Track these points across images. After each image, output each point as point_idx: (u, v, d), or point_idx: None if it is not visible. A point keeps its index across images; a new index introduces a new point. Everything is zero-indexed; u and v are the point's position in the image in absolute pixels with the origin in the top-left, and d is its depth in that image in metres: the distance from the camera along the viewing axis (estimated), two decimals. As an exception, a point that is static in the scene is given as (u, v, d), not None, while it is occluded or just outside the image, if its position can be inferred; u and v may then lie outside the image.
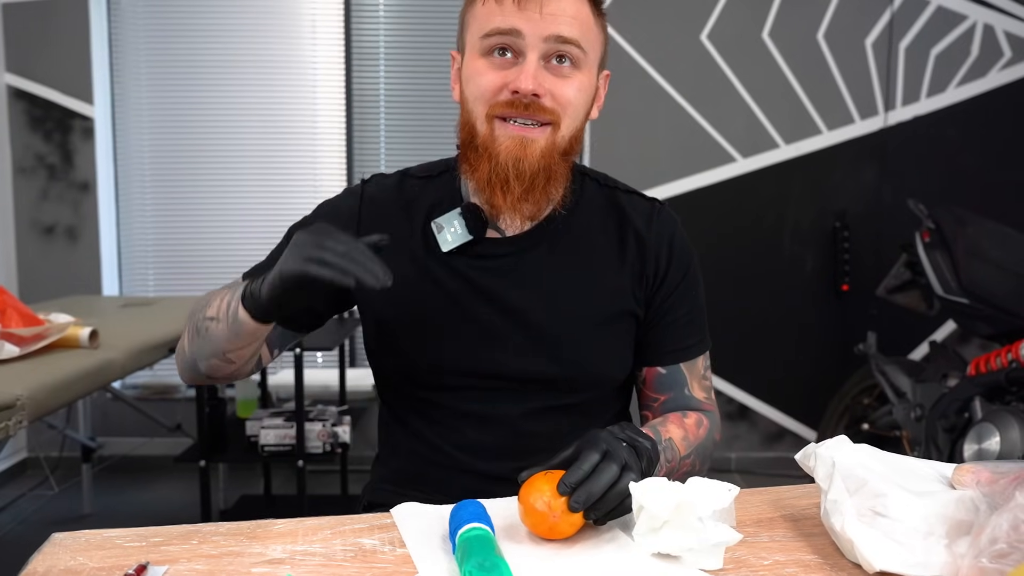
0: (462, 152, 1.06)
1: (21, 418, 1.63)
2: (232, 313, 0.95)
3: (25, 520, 2.85)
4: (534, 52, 0.99)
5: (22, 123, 3.29)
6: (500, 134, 1.01)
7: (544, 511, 0.82)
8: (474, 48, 1.03)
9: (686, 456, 1.07)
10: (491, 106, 1.01)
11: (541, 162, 1.01)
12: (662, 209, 1.16)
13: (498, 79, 1.00)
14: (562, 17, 0.99)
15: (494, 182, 1.01)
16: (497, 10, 1.00)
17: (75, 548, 0.83)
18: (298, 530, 0.88)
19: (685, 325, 1.13)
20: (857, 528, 0.80)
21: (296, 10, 3.40)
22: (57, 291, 3.21)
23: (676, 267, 1.12)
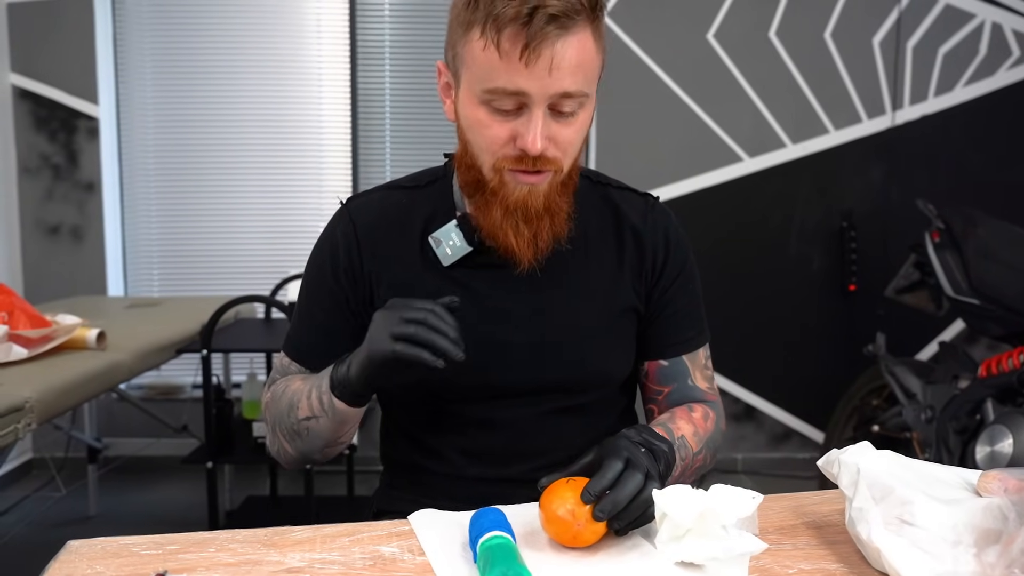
0: (467, 189, 1.04)
1: (30, 420, 1.62)
2: (329, 407, 1.00)
3: (32, 522, 2.84)
4: (539, 108, 0.95)
5: (27, 123, 3.28)
6: (509, 182, 0.99)
7: (568, 519, 0.81)
8: (472, 93, 0.97)
9: (698, 452, 1.07)
10: (498, 159, 0.98)
11: (546, 204, 1.00)
12: (656, 204, 1.15)
13: (504, 132, 0.97)
14: (567, 71, 0.93)
15: (505, 227, 1.00)
16: (502, 66, 0.92)
17: (91, 556, 0.82)
18: (316, 537, 0.87)
19: (684, 317, 1.13)
20: (884, 537, 0.79)
21: (301, 10, 3.39)
22: (62, 291, 3.20)
23: (673, 260, 1.12)
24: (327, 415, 1.01)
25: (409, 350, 0.89)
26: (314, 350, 1.11)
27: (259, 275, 3.40)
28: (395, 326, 0.90)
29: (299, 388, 1.06)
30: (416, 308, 0.91)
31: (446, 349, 0.89)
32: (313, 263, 1.13)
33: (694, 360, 1.15)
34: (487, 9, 0.92)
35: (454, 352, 0.90)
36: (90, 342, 2.00)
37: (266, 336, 2.54)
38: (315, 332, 1.12)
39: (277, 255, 3.44)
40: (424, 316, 0.90)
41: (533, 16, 0.90)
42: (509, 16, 0.90)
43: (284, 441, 1.08)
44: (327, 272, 1.10)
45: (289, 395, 1.06)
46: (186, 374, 3.33)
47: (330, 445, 1.07)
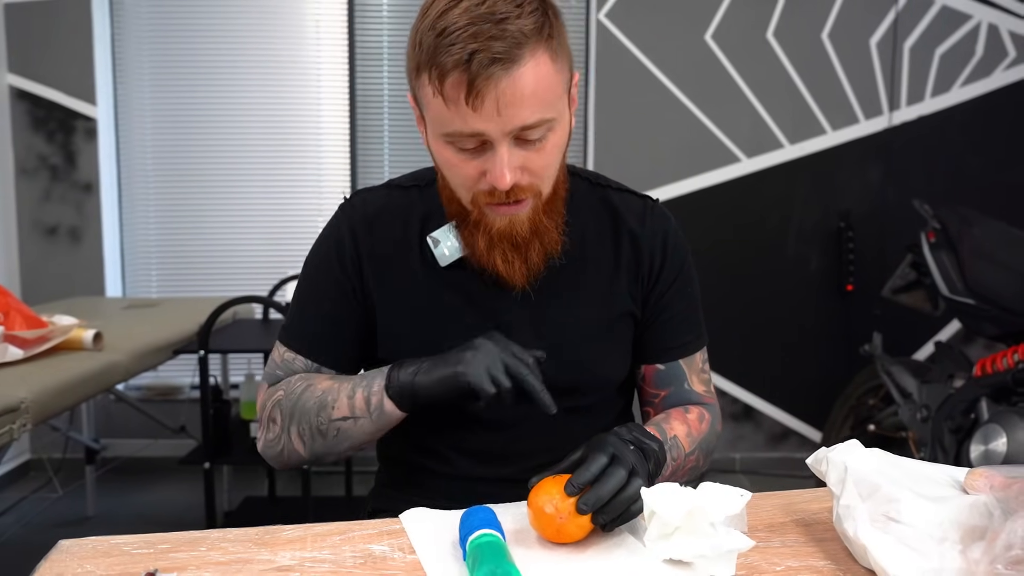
0: (455, 217, 1.04)
1: (25, 421, 1.63)
2: (376, 409, 0.99)
3: (29, 523, 2.85)
4: (502, 145, 0.92)
5: (25, 124, 3.28)
6: (489, 215, 0.99)
7: (552, 514, 0.82)
8: (435, 135, 0.97)
9: (690, 453, 1.07)
10: (474, 195, 0.99)
11: (531, 229, 1.00)
12: (655, 206, 1.15)
13: (473, 170, 0.96)
14: (521, 104, 0.90)
15: (493, 255, 1.01)
16: (451, 112, 0.91)
17: (82, 555, 0.82)
18: (307, 536, 0.87)
19: (682, 322, 1.13)
20: (871, 534, 0.79)
21: (300, 11, 3.40)
22: (60, 292, 3.21)
23: (671, 264, 1.12)
24: (370, 417, 1.00)
25: (492, 389, 0.93)
26: (322, 341, 1.10)
27: (257, 276, 3.41)
28: (495, 367, 0.93)
29: (332, 387, 1.03)
30: (519, 361, 0.95)
31: (546, 404, 0.94)
32: (317, 255, 1.13)
33: (691, 364, 1.15)
34: (429, 56, 0.91)
35: (550, 407, 0.94)
36: (86, 343, 2.00)
37: (264, 337, 2.54)
38: (322, 322, 1.10)
39: (275, 256, 3.44)
40: (523, 372, 0.94)
41: (471, 61, 0.88)
42: (449, 65, 0.89)
43: (298, 441, 1.05)
44: (333, 263, 1.10)
45: (318, 395, 1.04)
46: (184, 375, 3.34)
47: (355, 448, 1.06)
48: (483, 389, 0.92)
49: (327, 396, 1.03)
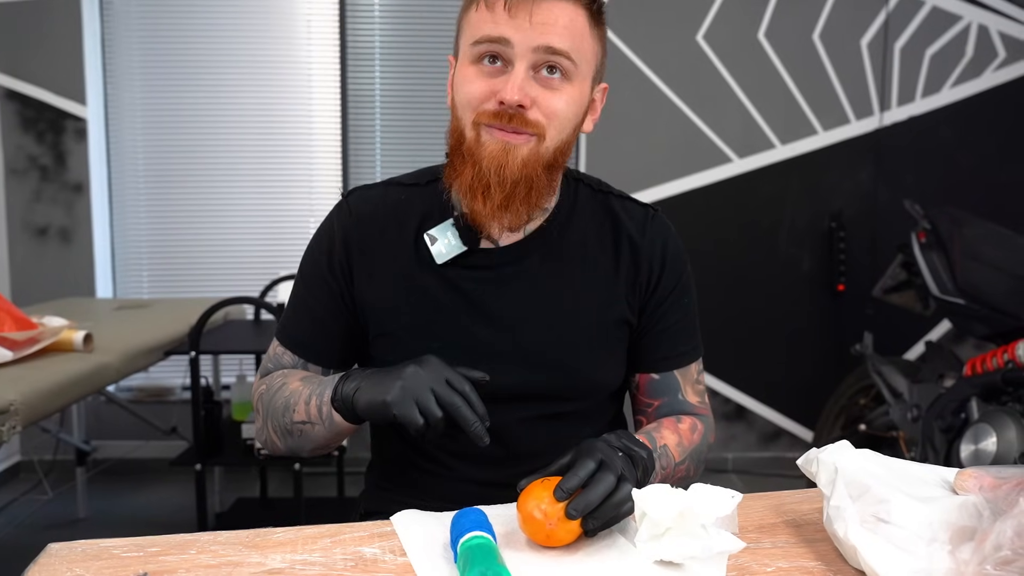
0: (449, 158, 1.05)
1: (15, 423, 1.62)
2: (327, 419, 1.00)
3: (20, 524, 2.83)
4: (522, 62, 0.97)
5: (14, 124, 3.27)
6: (485, 139, 0.99)
7: (541, 519, 0.82)
8: (465, 55, 1.01)
9: (680, 462, 1.07)
10: (478, 114, 0.99)
11: (522, 171, 0.99)
12: (656, 215, 1.15)
13: (486, 87, 0.98)
14: (553, 27, 0.97)
15: (476, 187, 0.99)
16: (488, 17, 0.98)
17: (71, 559, 0.82)
18: (297, 539, 0.87)
19: (678, 332, 1.13)
20: (861, 534, 0.79)
21: (291, 10, 3.39)
22: (50, 293, 3.19)
23: (669, 274, 1.12)
24: (323, 425, 1.02)
25: (419, 418, 0.89)
26: (309, 340, 1.12)
27: (249, 276, 3.40)
28: (423, 394, 0.90)
29: (297, 390, 1.05)
30: (454, 386, 0.91)
31: (477, 436, 0.90)
32: (310, 254, 1.14)
33: (686, 375, 1.15)
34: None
35: (481, 439, 0.90)
36: (77, 344, 1.99)
37: (255, 337, 2.54)
38: (311, 322, 1.12)
39: (267, 256, 3.43)
40: (456, 402, 0.90)
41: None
42: None
43: (274, 435, 1.09)
44: (323, 265, 1.11)
45: (286, 395, 1.06)
46: (175, 376, 3.33)
47: (320, 449, 1.08)
48: (411, 422, 0.89)
49: (292, 398, 1.05)
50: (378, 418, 0.94)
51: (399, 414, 0.90)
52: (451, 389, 0.91)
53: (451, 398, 0.90)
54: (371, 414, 0.94)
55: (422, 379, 0.91)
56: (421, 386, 0.90)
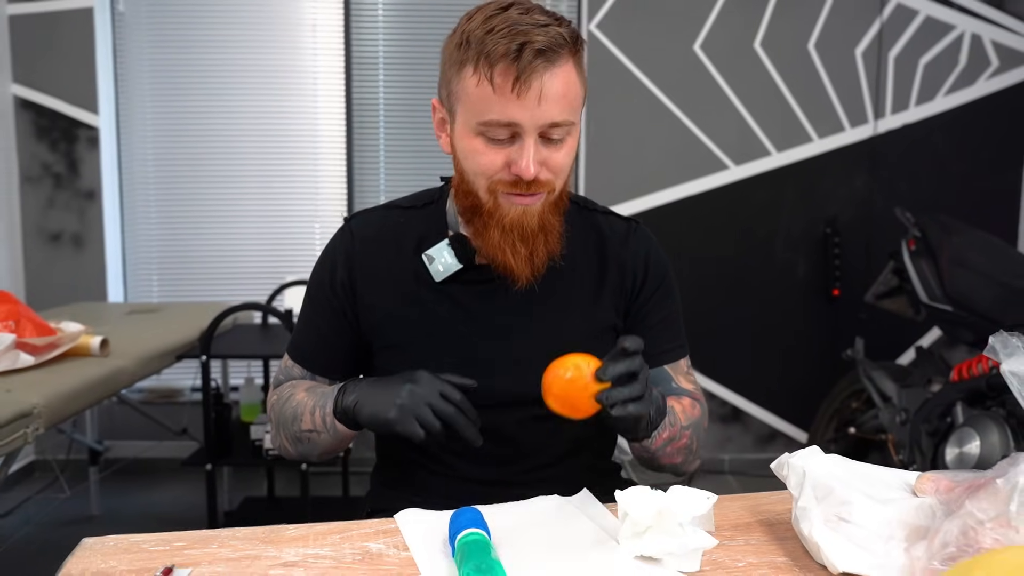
0: (465, 214, 1.12)
1: (38, 425, 1.70)
2: (331, 427, 1.10)
3: (36, 522, 2.91)
4: (531, 137, 1.03)
5: (28, 133, 3.35)
6: (504, 205, 1.07)
7: (571, 378, 0.93)
8: (468, 125, 1.05)
9: (685, 427, 1.13)
10: (492, 183, 1.06)
11: (540, 223, 1.08)
12: (638, 228, 1.24)
13: (499, 160, 1.05)
14: (555, 101, 1.02)
15: (503, 246, 1.08)
16: (495, 99, 1.01)
17: (105, 552, 0.90)
18: (309, 535, 0.95)
19: (662, 331, 1.20)
20: (823, 533, 0.87)
21: (297, 21, 3.47)
22: (63, 298, 3.27)
23: (651, 280, 1.20)
24: (328, 432, 1.11)
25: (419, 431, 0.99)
26: (315, 354, 1.22)
27: (256, 281, 3.48)
28: (421, 409, 0.99)
29: (303, 401, 1.14)
30: (447, 396, 1.01)
31: (471, 439, 1.01)
32: (316, 275, 1.22)
33: (675, 369, 1.22)
34: (478, 48, 1.01)
35: (475, 441, 1.01)
36: (93, 349, 2.07)
37: (263, 342, 2.61)
38: (317, 338, 1.21)
39: (274, 262, 3.52)
40: (450, 412, 1.00)
41: (522, 51, 0.99)
42: (500, 53, 1.00)
43: (286, 442, 1.19)
44: (327, 285, 1.19)
45: (293, 405, 1.15)
46: (185, 378, 3.41)
47: (327, 453, 1.17)
48: (414, 435, 0.99)
49: (298, 408, 1.14)
50: (381, 431, 1.03)
51: (402, 431, 1.00)
52: (445, 401, 1.00)
53: (447, 409, 1.00)
54: (374, 428, 1.03)
55: (418, 396, 1.00)
56: (418, 403, 1.00)
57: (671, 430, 1.10)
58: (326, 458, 1.20)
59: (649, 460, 1.14)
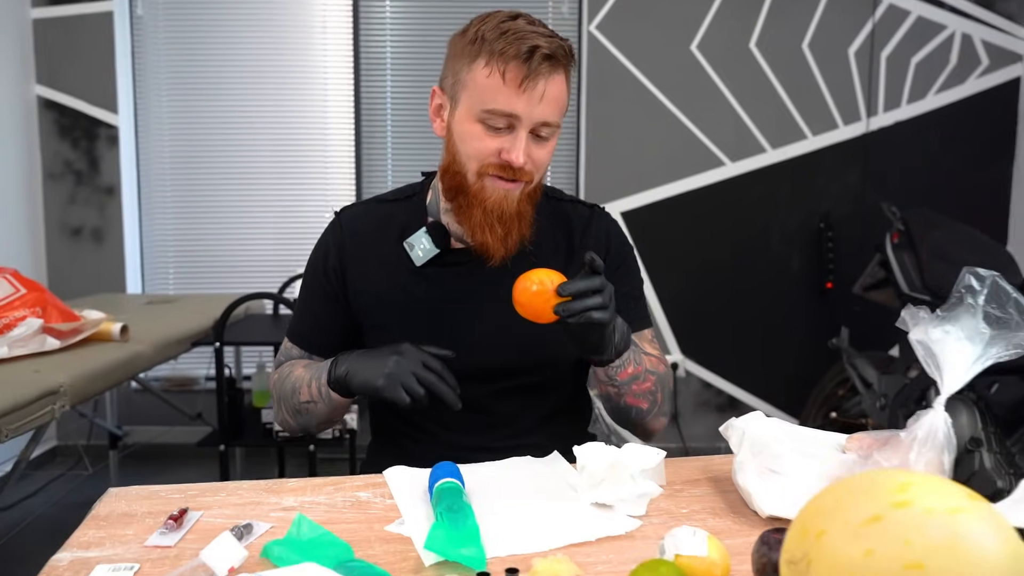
0: (449, 193, 1.24)
1: (64, 403, 1.84)
2: (326, 396, 1.22)
3: (58, 503, 3.06)
4: (524, 130, 1.16)
5: (51, 131, 3.50)
6: (489, 187, 1.20)
7: (537, 290, 1.06)
8: (470, 111, 1.18)
9: (650, 371, 1.24)
10: (483, 166, 1.19)
11: (517, 209, 1.21)
12: (601, 212, 1.37)
13: (493, 146, 1.17)
14: (550, 103, 1.16)
15: (483, 225, 1.20)
16: (503, 91, 1.14)
17: (128, 499, 1.03)
18: (307, 486, 1.07)
19: (625, 304, 1.30)
20: (755, 482, 0.99)
21: (308, 23, 3.60)
22: (84, 289, 3.42)
23: (614, 256, 1.33)
24: (324, 402, 1.24)
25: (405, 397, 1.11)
26: (312, 336, 1.35)
27: (267, 273, 3.62)
28: (407, 378, 1.11)
29: (300, 376, 1.27)
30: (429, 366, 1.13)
31: (451, 403, 1.12)
32: (311, 264, 1.35)
33: (640, 337, 1.33)
34: (491, 46, 1.15)
35: (455, 405, 1.13)
36: (114, 334, 2.21)
37: (274, 330, 2.75)
38: (313, 321, 1.35)
39: (284, 254, 3.65)
40: (432, 380, 1.12)
41: (532, 55, 1.13)
42: (512, 53, 1.14)
43: (287, 416, 1.31)
44: (320, 273, 1.32)
45: (292, 380, 1.29)
46: (199, 367, 3.55)
47: (325, 423, 1.30)
48: (400, 401, 1.11)
49: (297, 383, 1.27)
50: (371, 397, 1.16)
51: (389, 396, 1.12)
52: (427, 370, 1.12)
53: (428, 377, 1.12)
54: (364, 394, 1.16)
55: (403, 365, 1.12)
56: (404, 371, 1.12)
57: (636, 368, 1.20)
58: (324, 428, 1.32)
59: (615, 398, 1.23)
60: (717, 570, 0.77)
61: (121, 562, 0.86)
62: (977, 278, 0.96)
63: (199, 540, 0.90)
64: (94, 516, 0.98)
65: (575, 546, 0.90)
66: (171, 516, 0.95)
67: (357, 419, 2.75)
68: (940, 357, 0.96)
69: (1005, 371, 2.22)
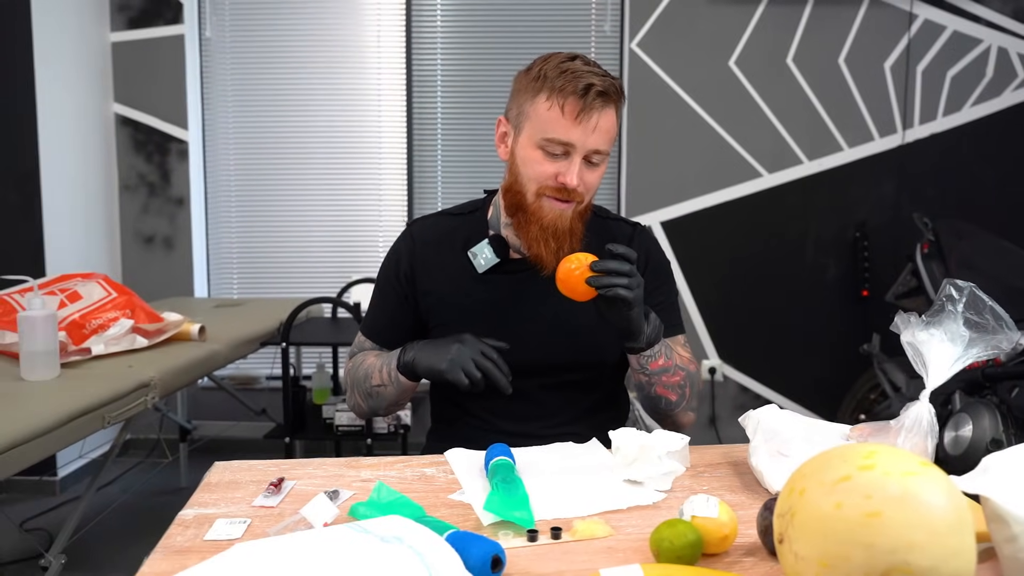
0: (510, 210, 1.42)
1: (154, 395, 2.05)
2: (395, 380, 1.40)
3: (133, 491, 3.31)
4: (579, 157, 1.33)
5: (127, 146, 3.76)
6: (546, 207, 1.38)
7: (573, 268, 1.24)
8: (532, 139, 1.35)
9: (680, 367, 1.41)
10: (541, 187, 1.37)
11: (570, 227, 1.39)
12: (642, 231, 1.54)
13: (551, 170, 1.35)
14: (602, 134, 1.33)
15: (539, 240, 1.38)
16: (561, 121, 1.31)
17: (232, 470, 1.22)
18: (380, 463, 1.25)
19: (661, 312, 1.46)
20: (766, 463, 1.14)
21: (362, 43, 3.82)
22: (155, 294, 3.66)
23: (652, 272, 1.49)
24: (393, 385, 1.42)
25: (464, 379, 1.29)
26: (384, 332, 1.53)
27: (326, 279, 3.84)
28: (467, 363, 1.29)
29: (372, 363, 1.46)
30: (486, 355, 1.30)
31: (503, 387, 1.30)
32: (384, 268, 1.55)
33: (674, 341, 1.49)
34: (553, 83, 1.33)
35: (506, 389, 1.30)
36: (193, 335, 2.43)
37: (333, 332, 2.95)
38: (384, 317, 1.54)
39: (341, 262, 3.87)
40: (488, 366, 1.29)
41: (588, 91, 1.31)
42: (570, 90, 1.31)
43: (359, 399, 1.50)
44: (392, 276, 1.51)
45: (366, 367, 1.47)
46: (262, 367, 3.78)
47: (392, 406, 1.49)
48: (460, 383, 1.28)
49: (370, 369, 1.46)
50: (434, 379, 1.33)
51: (451, 379, 1.29)
52: (484, 357, 1.30)
53: (485, 364, 1.30)
54: (429, 376, 1.34)
55: (464, 352, 1.30)
56: (464, 357, 1.30)
57: (667, 362, 1.38)
58: (392, 411, 1.50)
59: (647, 387, 1.40)
60: (726, 529, 0.93)
61: (236, 517, 1.05)
62: (956, 288, 1.10)
63: (296, 502, 1.09)
64: (207, 483, 1.17)
65: (609, 512, 1.06)
66: (271, 483, 1.14)
67: (411, 415, 2.94)
68: (926, 356, 1.10)
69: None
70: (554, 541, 0.98)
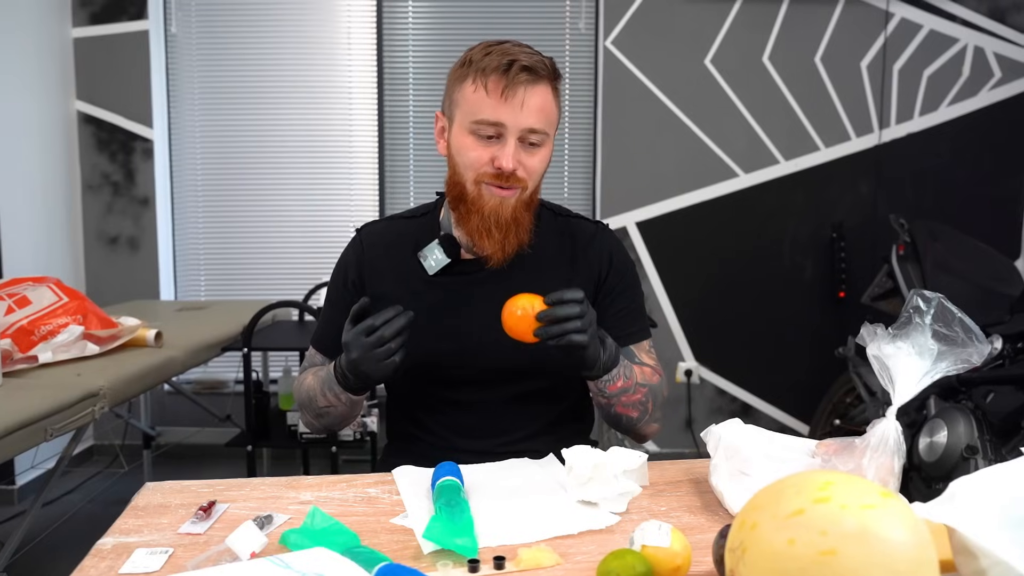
0: (453, 204, 1.36)
1: (103, 405, 1.97)
2: (347, 398, 1.33)
3: (95, 499, 3.22)
4: (512, 137, 1.28)
5: (90, 145, 3.67)
6: (485, 195, 1.31)
7: (520, 315, 1.16)
8: (463, 125, 1.31)
9: (641, 384, 1.34)
10: (478, 175, 1.31)
11: (512, 215, 1.32)
12: (605, 229, 1.47)
13: (485, 155, 1.30)
14: (533, 111, 1.28)
15: (481, 230, 1.32)
16: (487, 102, 1.27)
17: (163, 492, 1.15)
18: (322, 483, 1.19)
19: (626, 316, 1.42)
20: (727, 484, 1.08)
21: (333, 40, 3.74)
22: (120, 296, 3.58)
23: (615, 272, 1.43)
24: (343, 403, 1.35)
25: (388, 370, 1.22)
26: (335, 346, 1.43)
27: (294, 281, 3.76)
28: (368, 343, 1.21)
29: (311, 385, 1.40)
30: (374, 328, 1.20)
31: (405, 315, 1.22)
32: (333, 277, 1.48)
33: (639, 347, 1.43)
34: (477, 65, 1.30)
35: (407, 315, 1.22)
36: (149, 340, 2.35)
37: (299, 336, 2.87)
38: (335, 330, 1.42)
39: (310, 263, 3.79)
40: (378, 326, 1.21)
41: (511, 67, 1.26)
42: (492, 67, 1.27)
43: (311, 418, 1.44)
44: (340, 285, 1.44)
45: (306, 388, 1.41)
46: (228, 371, 3.70)
47: (347, 419, 1.42)
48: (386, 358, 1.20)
49: (311, 392, 1.39)
50: (364, 374, 1.24)
51: (375, 367, 1.22)
52: (373, 328, 1.21)
53: (376, 331, 1.21)
54: (360, 377, 1.25)
55: (359, 343, 1.22)
56: (361, 345, 1.21)
57: (626, 382, 1.31)
58: (348, 424, 1.44)
59: (606, 407, 1.34)
60: (678, 559, 0.87)
61: (157, 547, 0.98)
62: (923, 299, 1.05)
63: (225, 528, 1.01)
64: (133, 507, 1.10)
65: (559, 538, 1.00)
66: (201, 507, 1.07)
67: (377, 422, 2.87)
68: (893, 371, 1.04)
69: (1001, 381, 2.29)
70: (497, 572, 0.92)
